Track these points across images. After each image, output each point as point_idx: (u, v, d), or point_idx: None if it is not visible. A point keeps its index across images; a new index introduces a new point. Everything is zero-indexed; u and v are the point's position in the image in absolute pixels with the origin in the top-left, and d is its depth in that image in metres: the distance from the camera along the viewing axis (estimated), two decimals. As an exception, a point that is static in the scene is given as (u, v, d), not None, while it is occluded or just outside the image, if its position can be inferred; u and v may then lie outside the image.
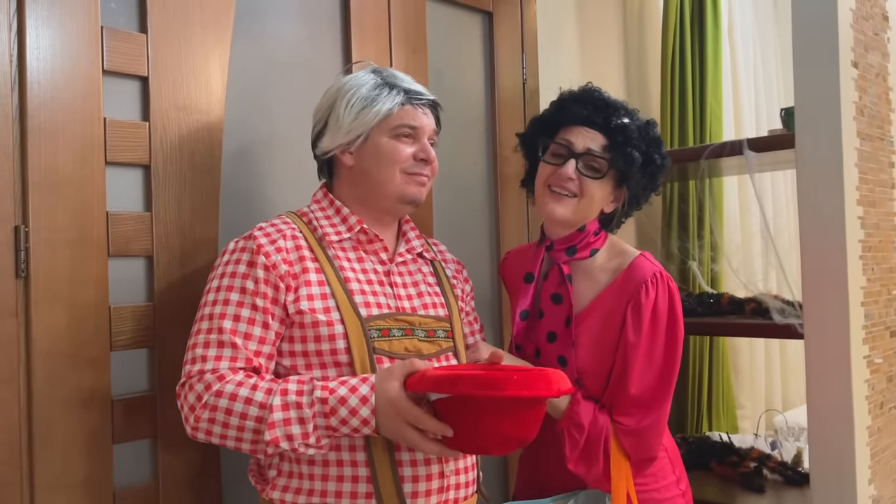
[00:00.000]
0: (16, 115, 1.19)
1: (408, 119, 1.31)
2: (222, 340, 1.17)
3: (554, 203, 1.40)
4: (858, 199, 1.71)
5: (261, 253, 1.21)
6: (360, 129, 1.29)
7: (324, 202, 1.34)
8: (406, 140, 1.31)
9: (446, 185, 1.88)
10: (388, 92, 1.31)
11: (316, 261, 1.25)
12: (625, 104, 1.44)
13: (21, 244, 1.19)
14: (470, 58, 2.00)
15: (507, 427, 1.10)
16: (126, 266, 1.33)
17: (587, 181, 1.38)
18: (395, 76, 1.34)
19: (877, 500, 1.75)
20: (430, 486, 1.21)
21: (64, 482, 1.23)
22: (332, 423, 1.12)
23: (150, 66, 1.35)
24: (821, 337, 1.69)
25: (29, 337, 1.20)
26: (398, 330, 1.25)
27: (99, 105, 1.28)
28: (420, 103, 1.34)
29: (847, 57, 1.70)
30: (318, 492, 1.19)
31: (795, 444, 2.13)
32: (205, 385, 1.15)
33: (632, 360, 1.34)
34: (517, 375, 1.07)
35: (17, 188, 1.19)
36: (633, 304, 1.36)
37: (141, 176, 1.36)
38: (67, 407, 1.23)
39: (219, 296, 1.20)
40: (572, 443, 1.33)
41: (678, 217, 2.48)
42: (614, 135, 1.38)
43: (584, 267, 1.45)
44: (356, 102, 1.29)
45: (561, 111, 1.44)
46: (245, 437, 1.13)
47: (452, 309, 1.37)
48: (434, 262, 1.43)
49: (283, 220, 1.29)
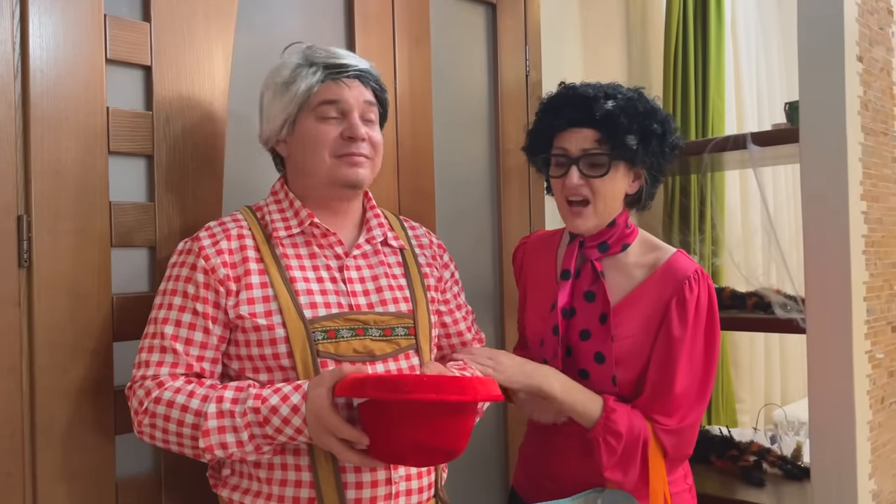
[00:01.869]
0: (18, 103, 1.19)
1: (328, 94, 1.22)
2: (164, 346, 1.16)
3: (574, 218, 1.38)
4: (862, 194, 1.71)
5: (200, 256, 1.18)
6: (282, 114, 1.23)
7: (280, 194, 1.29)
8: (332, 121, 1.23)
9: (448, 176, 1.88)
10: (307, 70, 1.23)
11: (261, 261, 1.20)
12: (605, 86, 1.39)
13: (24, 234, 1.18)
14: (473, 49, 1.99)
15: (425, 435, 1.04)
16: (129, 256, 1.33)
17: (595, 181, 1.35)
18: (322, 52, 1.25)
19: (877, 494, 1.75)
20: (375, 493, 1.17)
21: (66, 472, 1.22)
22: (268, 431, 1.10)
23: (153, 54, 1.34)
24: (823, 332, 1.68)
25: (31, 327, 1.19)
26: (347, 330, 1.20)
27: (102, 94, 1.28)
28: (345, 76, 1.24)
29: (852, 51, 1.70)
30: (265, 494, 1.17)
31: (795, 439, 2.14)
32: (145, 391, 1.14)
33: (676, 355, 1.32)
34: (428, 378, 1.01)
35: (20, 177, 1.19)
36: (678, 299, 1.33)
37: (144, 166, 1.35)
38: (70, 397, 1.23)
39: (164, 299, 1.19)
40: (609, 451, 1.30)
41: (679, 211, 2.48)
42: (603, 126, 1.34)
43: (616, 262, 1.42)
44: (277, 87, 1.24)
45: (546, 121, 1.41)
46: (185, 444, 1.13)
47: (419, 303, 1.29)
48: (403, 250, 1.35)
49: (234, 218, 1.26)
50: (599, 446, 1.30)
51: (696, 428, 1.36)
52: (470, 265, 1.87)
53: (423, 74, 1.81)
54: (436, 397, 1.01)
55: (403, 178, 1.75)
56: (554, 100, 1.42)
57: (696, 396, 1.34)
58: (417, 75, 1.80)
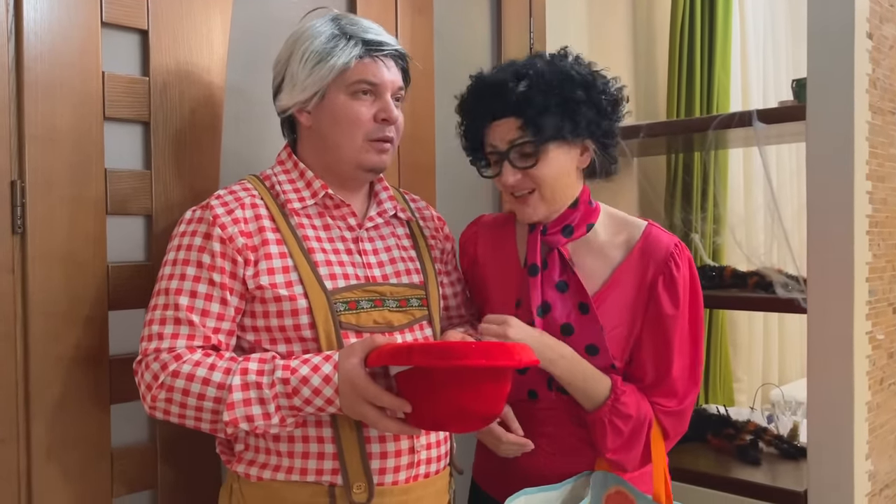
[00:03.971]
0: (12, 66, 1.16)
1: (367, 74, 1.19)
2: (179, 318, 1.12)
3: (522, 207, 1.30)
4: (868, 174, 1.69)
5: (216, 225, 1.15)
6: (315, 85, 1.19)
7: (288, 164, 1.26)
8: (365, 98, 1.20)
9: (449, 150, 1.85)
10: (345, 43, 1.18)
11: (277, 231, 1.18)
12: (517, 65, 1.28)
13: (17, 199, 1.16)
14: (477, 20, 1.96)
15: (468, 401, 1.05)
16: (125, 224, 1.31)
17: (531, 171, 1.26)
18: (356, 24, 1.22)
19: (873, 474, 1.75)
20: (399, 462, 1.18)
21: (61, 441, 1.22)
22: (296, 402, 1.08)
23: (149, 19, 1.31)
24: (824, 312, 1.67)
25: (26, 294, 1.18)
26: (367, 301, 1.20)
27: (97, 58, 1.25)
28: (382, 55, 1.21)
29: (862, 28, 1.67)
30: (285, 468, 1.16)
31: (792, 418, 2.14)
32: (161, 365, 1.10)
33: (671, 335, 1.27)
34: (475, 345, 1.03)
35: (14, 142, 1.16)
36: (666, 277, 1.27)
37: (140, 133, 1.33)
38: (65, 366, 1.22)
39: (175, 269, 1.15)
40: (616, 433, 1.25)
41: (682, 188, 2.46)
42: (522, 111, 1.24)
43: (586, 244, 1.33)
44: (310, 56, 1.18)
45: (468, 122, 1.33)
46: (204, 418, 1.10)
47: (429, 274, 1.30)
48: (410, 222, 1.34)
49: (244, 187, 1.22)
50: (605, 428, 1.25)
51: (692, 406, 1.33)
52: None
53: (425, 44, 1.78)
54: (486, 363, 1.02)
55: (404, 150, 1.73)
56: (468, 96, 1.33)
57: (692, 374, 1.31)
58: (419, 45, 1.77)
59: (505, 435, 1.28)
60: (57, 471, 1.21)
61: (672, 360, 1.28)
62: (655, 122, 2.27)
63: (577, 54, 1.32)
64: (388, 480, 1.17)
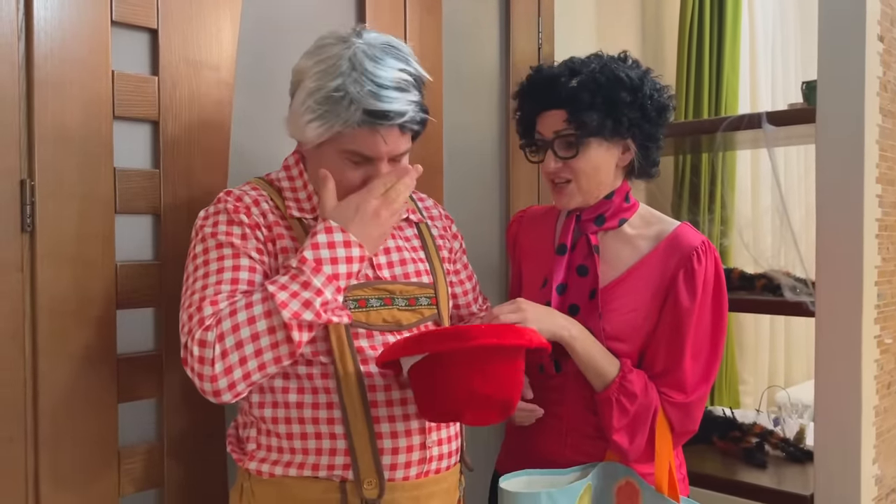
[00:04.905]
0: (22, 64, 1.16)
1: (360, 146, 1.14)
2: (219, 290, 1.10)
3: (560, 196, 1.38)
4: (877, 177, 1.69)
5: (240, 213, 1.16)
6: (308, 135, 1.14)
7: (293, 170, 1.25)
8: (356, 164, 1.16)
9: (457, 149, 1.85)
10: (346, 107, 1.10)
11: (290, 228, 1.19)
12: (574, 62, 1.36)
13: (27, 198, 1.16)
14: (485, 20, 1.95)
15: (482, 384, 1.07)
16: (133, 223, 1.31)
17: (570, 162, 1.34)
18: (367, 80, 1.10)
19: (880, 479, 1.75)
20: (410, 458, 1.18)
21: (69, 439, 1.22)
22: (326, 270, 1.08)
23: (159, 17, 1.31)
24: (832, 315, 1.67)
25: (34, 293, 1.18)
26: (377, 300, 1.20)
27: (107, 57, 1.25)
28: (383, 127, 1.12)
29: (873, 30, 1.66)
30: (296, 463, 1.17)
31: (798, 421, 2.13)
32: (203, 328, 1.06)
33: (685, 327, 1.30)
34: (486, 326, 1.06)
35: (24, 140, 1.16)
36: (686, 270, 1.31)
37: (149, 132, 1.33)
38: (73, 364, 1.22)
39: (209, 255, 1.14)
40: (622, 411, 1.28)
41: (689, 190, 2.45)
42: (569, 105, 1.32)
43: (617, 235, 1.40)
44: (310, 106, 1.12)
45: (522, 109, 1.42)
46: (263, 345, 1.04)
47: (437, 275, 1.30)
48: (419, 224, 1.35)
49: (253, 187, 1.23)
50: (612, 406, 1.28)
51: (702, 403, 1.34)
52: (477, 239, 1.85)
53: (433, 44, 1.78)
54: (497, 342, 1.05)
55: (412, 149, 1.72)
56: (525, 86, 1.42)
57: (704, 371, 1.32)
58: (428, 44, 1.77)
59: None
60: (64, 469, 1.21)
61: (684, 352, 1.30)
62: (663, 123, 2.27)
63: (635, 59, 1.39)
64: (399, 476, 1.18)
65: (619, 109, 1.31)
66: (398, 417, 1.18)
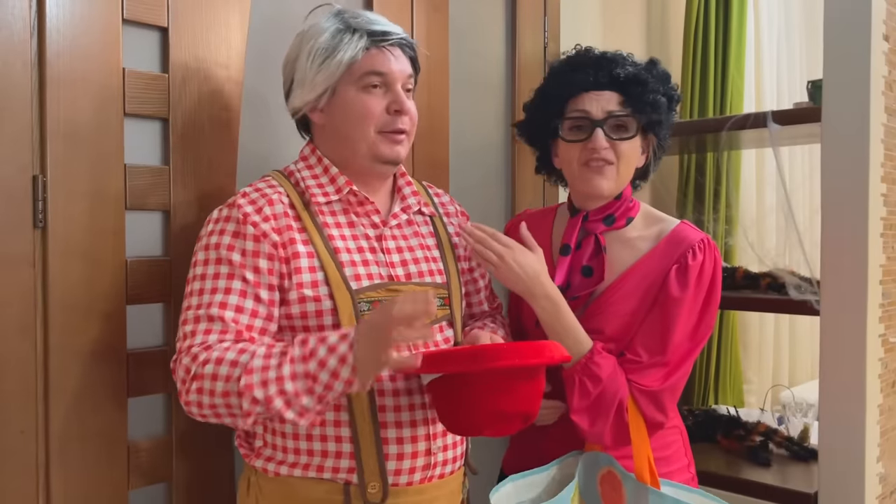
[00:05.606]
0: (34, 61, 1.17)
1: (375, 65, 1.19)
2: (211, 315, 1.11)
3: (598, 177, 1.34)
4: (882, 177, 1.69)
5: (248, 223, 1.14)
6: (324, 83, 1.19)
7: (311, 159, 1.26)
8: (376, 91, 1.20)
9: (463, 147, 1.86)
10: (351, 37, 1.18)
11: (304, 230, 1.18)
12: (620, 53, 1.38)
13: (39, 194, 1.17)
14: (492, 18, 1.96)
15: (504, 403, 1.06)
16: (143, 219, 1.32)
17: (620, 144, 1.33)
18: (359, 17, 1.21)
19: (884, 477, 1.75)
20: (414, 464, 1.18)
21: (79, 433, 1.23)
22: (311, 367, 1.02)
23: (169, 16, 1.32)
24: (837, 314, 1.67)
25: (46, 288, 1.19)
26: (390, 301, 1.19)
27: (118, 54, 1.26)
28: (388, 44, 1.20)
29: (879, 30, 1.67)
30: (302, 465, 1.17)
31: (803, 420, 2.13)
32: (191, 357, 1.09)
33: (672, 316, 1.30)
34: (506, 346, 1.04)
35: (36, 137, 1.18)
36: (679, 266, 1.32)
37: (159, 129, 1.34)
38: (83, 359, 1.23)
39: (207, 269, 1.14)
40: (583, 392, 1.27)
41: (694, 189, 2.45)
42: (628, 88, 1.32)
43: (619, 236, 1.39)
44: (317, 54, 1.18)
45: (562, 83, 1.36)
46: (232, 403, 1.05)
47: (451, 273, 1.30)
48: (433, 218, 1.34)
49: (269, 184, 1.21)
50: (573, 385, 1.27)
51: (673, 393, 1.32)
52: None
53: (440, 41, 1.79)
54: (519, 363, 1.02)
55: (419, 146, 1.73)
56: (572, 61, 1.38)
57: (680, 360, 1.31)
58: (435, 42, 1.78)
59: None
60: (75, 462, 1.22)
61: (668, 342, 1.30)
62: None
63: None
64: (403, 481, 1.18)
65: (671, 104, 1.36)
66: (405, 423, 1.18)
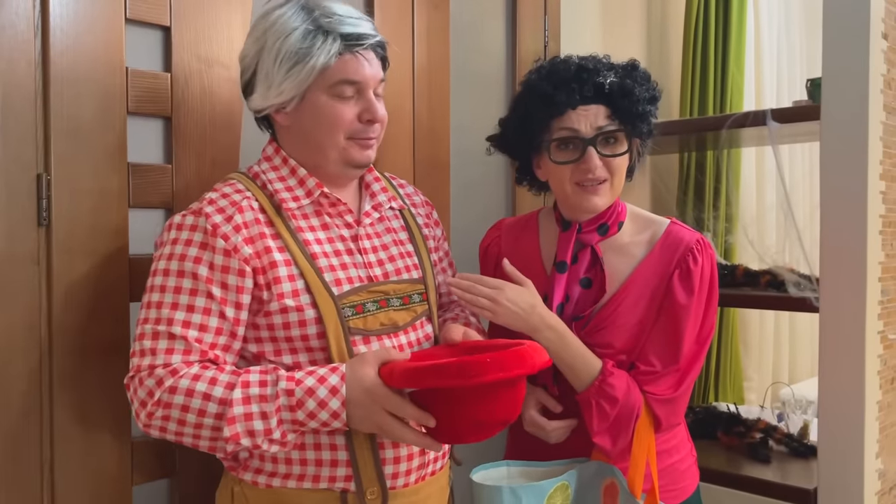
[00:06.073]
0: (38, 60, 1.18)
1: (348, 73, 1.13)
2: (173, 333, 1.06)
3: (593, 196, 1.29)
4: (881, 174, 1.70)
5: (218, 235, 1.09)
6: (293, 89, 1.12)
7: (276, 160, 1.20)
8: (347, 98, 1.15)
9: (463, 147, 1.87)
10: (323, 40, 1.11)
11: (278, 237, 1.13)
12: (597, 57, 1.32)
13: (43, 192, 1.18)
14: (492, 17, 1.97)
15: (487, 412, 1.05)
16: (146, 218, 1.33)
17: (613, 160, 1.28)
18: (330, 15, 1.13)
19: (882, 473, 1.76)
20: (410, 466, 1.18)
21: (83, 430, 1.24)
22: (299, 416, 1.03)
23: (172, 15, 1.33)
24: (836, 311, 1.68)
25: (50, 285, 1.20)
26: (373, 303, 1.17)
27: (121, 53, 1.27)
28: (362, 49, 1.14)
29: (877, 28, 1.67)
30: (296, 475, 1.13)
31: (802, 417, 2.14)
32: (156, 381, 1.04)
33: (681, 323, 1.28)
34: (491, 358, 1.01)
35: (40, 135, 1.18)
36: (682, 271, 1.29)
37: (161, 127, 1.35)
38: (87, 356, 1.24)
39: (167, 281, 1.08)
40: (601, 415, 1.25)
41: (694, 187, 2.46)
42: (616, 100, 1.26)
43: (611, 244, 1.36)
44: (285, 57, 1.11)
45: (546, 103, 1.28)
46: (203, 435, 1.04)
47: (426, 267, 1.27)
48: (402, 211, 1.30)
49: (236, 189, 1.15)
50: (591, 409, 1.26)
51: (687, 396, 1.32)
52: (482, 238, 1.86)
53: (441, 40, 1.80)
54: (502, 375, 1.00)
55: (419, 147, 1.74)
56: (552, 77, 1.29)
57: (691, 365, 1.31)
58: (435, 41, 1.78)
59: (549, 424, 1.31)
60: (79, 459, 1.23)
61: (680, 349, 1.29)
62: (669, 120, 2.28)
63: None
64: (400, 483, 1.17)
65: (650, 109, 1.31)
66: None
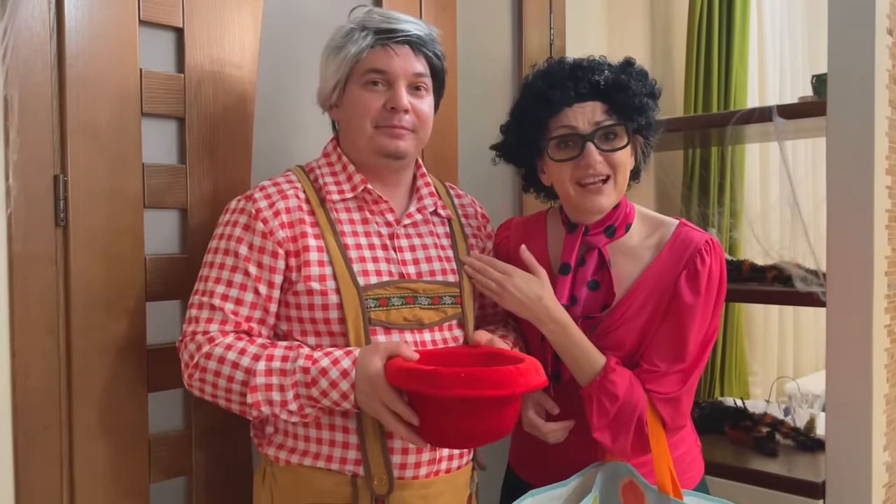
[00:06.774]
0: (54, 62, 1.19)
1: (376, 63, 1.22)
2: (213, 304, 1.17)
3: (597, 196, 1.28)
4: (887, 169, 1.71)
5: (259, 219, 1.18)
6: (333, 78, 1.25)
7: (332, 156, 1.29)
8: (377, 88, 1.22)
9: (471, 145, 1.88)
10: (359, 34, 1.22)
11: (316, 225, 1.21)
12: (593, 58, 1.32)
13: (60, 193, 1.19)
14: (498, 16, 1.98)
15: (470, 425, 1.04)
16: (161, 218, 1.34)
17: (614, 155, 1.27)
18: (373, 16, 1.24)
19: (890, 466, 1.77)
20: (419, 459, 1.20)
21: (101, 427, 1.25)
22: (313, 393, 1.11)
23: (184, 16, 1.34)
24: (843, 305, 1.69)
25: (68, 286, 1.21)
26: (398, 298, 1.21)
27: (135, 55, 1.28)
28: (394, 42, 1.22)
29: (882, 24, 1.68)
30: (311, 453, 1.19)
31: (809, 411, 2.15)
32: (196, 346, 1.16)
33: (686, 322, 1.27)
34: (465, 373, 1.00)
35: (56, 137, 1.20)
36: (689, 271, 1.29)
37: (175, 128, 1.36)
38: (105, 355, 1.25)
39: (215, 258, 1.20)
40: (601, 411, 1.25)
41: (699, 183, 2.47)
42: (612, 95, 1.26)
43: (620, 247, 1.35)
44: (331, 51, 1.25)
45: (542, 102, 1.28)
46: (233, 399, 1.14)
47: (463, 274, 1.30)
48: (451, 220, 1.35)
49: (288, 179, 1.25)
50: (591, 404, 1.26)
51: (692, 393, 1.32)
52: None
53: (448, 40, 1.80)
54: (473, 393, 0.99)
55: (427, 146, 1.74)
56: (547, 77, 1.30)
57: (694, 364, 1.30)
58: (443, 41, 1.76)
59: (545, 426, 1.30)
60: (98, 457, 1.25)
61: (685, 348, 1.28)
62: (674, 117, 2.29)
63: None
64: (409, 475, 1.19)
65: (649, 105, 1.30)
66: None
